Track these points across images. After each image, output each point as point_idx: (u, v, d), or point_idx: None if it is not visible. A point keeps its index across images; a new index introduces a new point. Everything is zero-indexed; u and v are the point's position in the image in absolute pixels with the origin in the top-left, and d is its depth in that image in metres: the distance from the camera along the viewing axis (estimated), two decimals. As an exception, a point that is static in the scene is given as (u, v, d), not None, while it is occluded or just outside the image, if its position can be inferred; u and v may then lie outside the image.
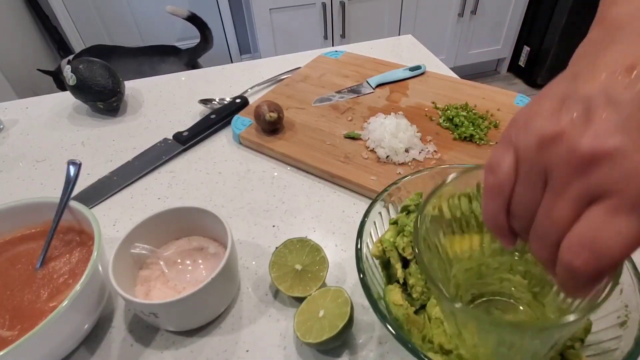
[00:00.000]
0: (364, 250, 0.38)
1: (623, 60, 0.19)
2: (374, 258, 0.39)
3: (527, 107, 0.22)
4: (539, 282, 0.34)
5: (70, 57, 1.57)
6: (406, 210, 0.40)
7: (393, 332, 0.30)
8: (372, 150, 0.62)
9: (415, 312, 0.36)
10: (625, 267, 0.32)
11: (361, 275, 0.35)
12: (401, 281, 0.38)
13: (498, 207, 0.22)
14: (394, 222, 0.40)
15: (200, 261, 0.46)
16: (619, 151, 0.18)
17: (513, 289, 0.36)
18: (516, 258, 0.35)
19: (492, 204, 0.23)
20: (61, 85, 1.60)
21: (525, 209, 0.21)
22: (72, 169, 0.47)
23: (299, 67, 0.86)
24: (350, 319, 0.39)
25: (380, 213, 0.41)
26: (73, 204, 0.44)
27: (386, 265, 0.39)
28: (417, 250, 0.28)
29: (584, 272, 0.19)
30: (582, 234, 0.18)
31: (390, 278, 0.39)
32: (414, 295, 0.37)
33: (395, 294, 0.36)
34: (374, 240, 0.40)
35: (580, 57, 0.22)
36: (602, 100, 0.19)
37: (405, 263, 0.39)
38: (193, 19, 1.47)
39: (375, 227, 0.41)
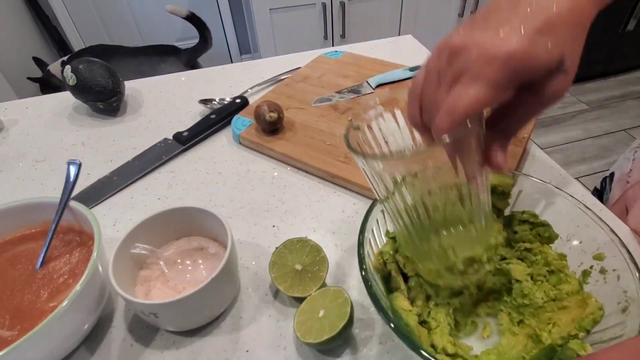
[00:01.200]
0: (366, 249, 0.38)
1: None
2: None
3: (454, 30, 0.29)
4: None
5: (64, 58, 1.57)
6: None
7: (392, 325, 0.31)
8: (372, 151, 0.62)
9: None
10: (621, 254, 0.34)
11: (363, 273, 0.35)
12: (404, 294, 0.38)
13: (413, 106, 0.30)
14: (392, 237, 0.40)
15: (200, 261, 0.46)
16: (474, 41, 0.25)
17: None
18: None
19: (410, 105, 0.30)
20: (47, 92, 1.60)
21: (427, 103, 0.28)
22: (72, 169, 0.47)
23: (299, 67, 0.86)
24: (350, 319, 0.39)
25: (382, 211, 0.41)
26: (73, 204, 0.44)
27: (386, 278, 0.39)
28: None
29: (444, 129, 0.26)
30: (447, 102, 0.26)
31: (390, 291, 0.39)
32: (415, 310, 0.37)
33: (402, 300, 0.36)
34: (377, 239, 0.40)
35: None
36: (481, 17, 0.27)
37: (405, 278, 0.40)
38: (192, 18, 1.47)
39: (378, 225, 0.41)
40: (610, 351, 0.25)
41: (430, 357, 0.29)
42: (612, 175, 0.66)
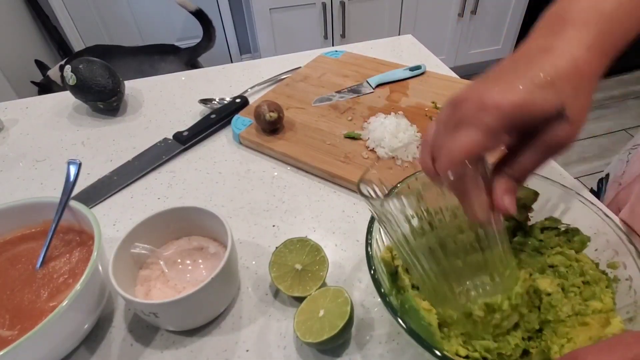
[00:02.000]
0: (374, 246, 0.38)
1: (515, 52, 0.30)
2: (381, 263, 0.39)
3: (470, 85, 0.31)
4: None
5: (62, 62, 1.57)
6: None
7: (404, 325, 0.30)
8: (372, 150, 0.62)
9: None
10: (635, 265, 0.33)
11: (372, 272, 0.35)
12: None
13: (425, 154, 0.31)
14: None
15: (200, 261, 0.46)
16: (476, 94, 0.28)
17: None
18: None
19: (422, 154, 0.32)
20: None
21: (435, 149, 0.30)
22: (72, 169, 0.47)
23: (299, 67, 0.86)
24: (350, 319, 0.39)
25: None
26: (73, 203, 0.44)
27: (392, 276, 0.39)
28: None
29: (444, 169, 0.28)
30: (445, 145, 0.28)
31: (397, 289, 0.39)
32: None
33: (420, 300, 0.35)
34: (382, 236, 0.40)
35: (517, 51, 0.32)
36: (489, 76, 0.29)
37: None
38: (199, 14, 1.47)
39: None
40: (597, 350, 0.25)
41: (448, 356, 0.28)
42: (607, 176, 0.66)
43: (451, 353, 0.33)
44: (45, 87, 1.57)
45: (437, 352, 0.29)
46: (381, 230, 0.40)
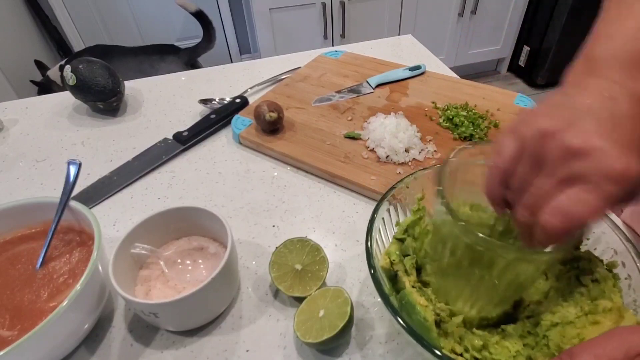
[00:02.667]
0: (374, 246, 0.38)
1: (601, 90, 0.27)
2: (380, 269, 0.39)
3: (531, 109, 0.28)
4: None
5: (62, 62, 1.57)
6: (410, 228, 0.41)
7: (404, 325, 0.31)
8: (372, 150, 0.62)
9: None
10: (634, 263, 0.33)
11: (372, 272, 0.35)
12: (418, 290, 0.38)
13: (498, 181, 0.29)
14: (400, 239, 0.40)
15: (200, 261, 0.46)
16: (595, 151, 0.25)
17: None
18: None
19: (494, 179, 0.30)
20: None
21: (521, 183, 0.28)
22: (72, 169, 0.47)
23: (299, 67, 0.86)
24: (350, 319, 0.39)
25: (388, 210, 0.41)
26: (73, 203, 0.44)
27: (392, 278, 0.39)
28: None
29: (556, 229, 0.26)
30: (561, 202, 0.26)
31: (396, 291, 0.39)
32: (431, 306, 0.37)
33: (418, 297, 0.36)
34: (383, 238, 0.40)
35: (570, 81, 0.30)
36: (587, 113, 0.27)
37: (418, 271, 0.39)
38: (200, 15, 1.47)
39: (384, 224, 0.41)
40: (592, 345, 0.25)
41: (447, 356, 0.28)
42: None
43: (447, 350, 0.33)
44: (45, 86, 1.58)
45: (437, 352, 0.29)
46: (381, 231, 0.40)
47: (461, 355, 0.33)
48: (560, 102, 0.28)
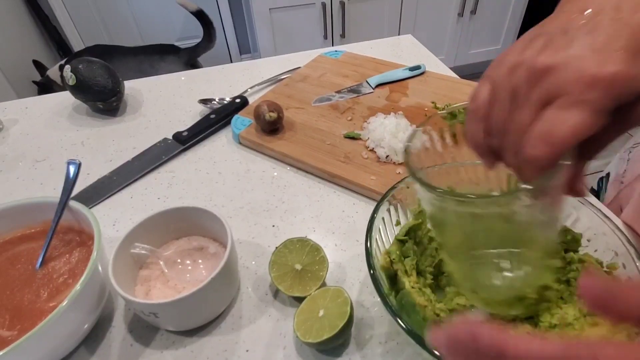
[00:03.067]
0: (374, 246, 0.38)
1: (578, 5, 0.24)
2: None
3: (504, 51, 0.26)
4: None
5: (62, 62, 1.57)
6: (412, 232, 0.41)
7: (403, 326, 0.31)
8: (372, 150, 0.62)
9: None
10: (635, 265, 0.33)
11: (371, 272, 0.35)
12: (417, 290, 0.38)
13: (477, 128, 0.27)
14: (401, 240, 0.40)
15: (200, 261, 0.46)
16: (566, 61, 0.22)
17: None
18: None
19: (473, 126, 0.27)
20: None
21: (500, 125, 0.25)
22: (71, 169, 0.47)
23: (299, 67, 0.86)
24: (350, 319, 0.39)
25: (388, 210, 0.41)
26: (73, 203, 0.44)
27: (392, 278, 0.39)
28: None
29: (542, 159, 0.23)
30: (538, 129, 0.23)
31: (396, 292, 0.39)
32: (430, 306, 0.37)
33: (417, 297, 0.36)
34: (382, 238, 0.40)
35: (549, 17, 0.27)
36: (558, 32, 0.24)
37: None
38: (200, 15, 1.47)
39: (384, 224, 0.41)
40: (619, 347, 0.24)
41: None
42: (608, 175, 0.66)
43: None
44: (45, 86, 1.58)
45: (436, 352, 0.29)
46: (381, 230, 0.40)
47: None
48: (532, 33, 0.25)
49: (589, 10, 0.24)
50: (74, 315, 0.37)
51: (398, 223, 0.42)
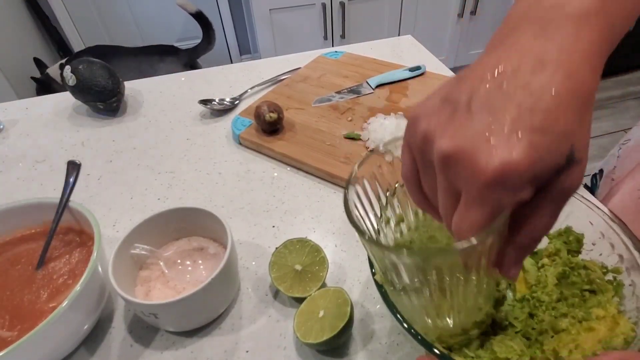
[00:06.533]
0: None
1: (494, 64, 0.22)
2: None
3: (417, 104, 0.25)
4: None
5: (63, 61, 1.57)
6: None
7: (405, 325, 0.31)
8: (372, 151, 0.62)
9: None
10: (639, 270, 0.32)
11: (373, 272, 0.34)
12: None
13: (413, 190, 0.27)
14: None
15: (200, 261, 0.46)
16: (462, 149, 0.21)
17: None
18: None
19: (410, 192, 0.28)
20: (43, 94, 1.59)
21: (431, 193, 0.26)
22: (72, 170, 0.47)
23: (299, 68, 0.86)
24: (350, 319, 0.39)
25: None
26: (73, 204, 0.44)
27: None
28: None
29: (463, 237, 0.23)
30: (455, 221, 0.23)
31: None
32: None
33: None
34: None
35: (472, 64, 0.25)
36: (464, 102, 0.22)
37: None
38: (199, 16, 1.47)
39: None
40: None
41: (448, 356, 0.28)
42: (601, 172, 0.65)
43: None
44: (45, 83, 1.58)
45: (436, 351, 0.29)
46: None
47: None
48: (443, 93, 0.23)
49: (501, 69, 0.21)
50: (73, 316, 0.37)
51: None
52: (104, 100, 0.74)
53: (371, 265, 0.35)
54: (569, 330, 0.33)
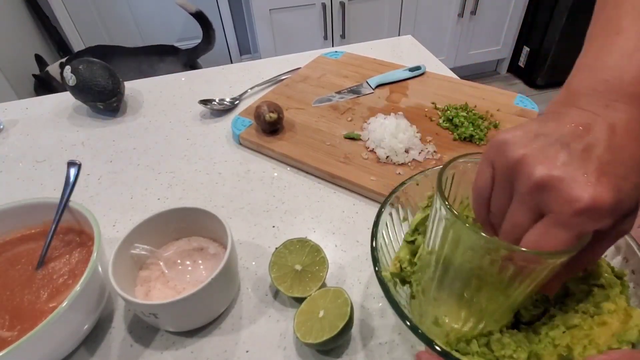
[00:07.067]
0: (380, 240, 0.37)
1: (579, 120, 0.27)
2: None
3: (506, 132, 0.28)
4: None
5: (63, 60, 1.57)
6: (421, 226, 0.40)
7: (407, 323, 0.31)
8: (372, 151, 0.62)
9: None
10: None
11: (376, 269, 0.35)
12: None
13: (480, 206, 0.30)
14: (410, 241, 0.40)
15: (200, 261, 0.46)
16: (560, 180, 0.24)
17: None
18: None
19: (476, 203, 0.31)
20: (41, 92, 1.60)
21: (498, 209, 0.29)
22: (72, 170, 0.47)
23: (299, 68, 0.86)
24: (350, 319, 0.39)
25: (390, 214, 0.41)
26: (73, 204, 0.44)
27: (402, 280, 0.39)
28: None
29: (527, 258, 0.27)
30: (532, 236, 0.26)
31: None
32: None
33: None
34: (386, 243, 0.40)
35: (551, 111, 0.29)
36: (559, 143, 0.26)
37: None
38: (200, 16, 1.47)
39: (387, 229, 0.41)
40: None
41: (451, 354, 0.29)
42: None
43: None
44: (44, 81, 1.58)
45: (437, 348, 0.29)
46: (384, 235, 0.40)
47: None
48: (534, 130, 0.28)
49: (587, 124, 0.26)
50: (73, 316, 0.37)
51: (405, 219, 0.42)
52: (104, 100, 0.74)
53: (375, 262, 0.35)
54: (581, 326, 0.33)
